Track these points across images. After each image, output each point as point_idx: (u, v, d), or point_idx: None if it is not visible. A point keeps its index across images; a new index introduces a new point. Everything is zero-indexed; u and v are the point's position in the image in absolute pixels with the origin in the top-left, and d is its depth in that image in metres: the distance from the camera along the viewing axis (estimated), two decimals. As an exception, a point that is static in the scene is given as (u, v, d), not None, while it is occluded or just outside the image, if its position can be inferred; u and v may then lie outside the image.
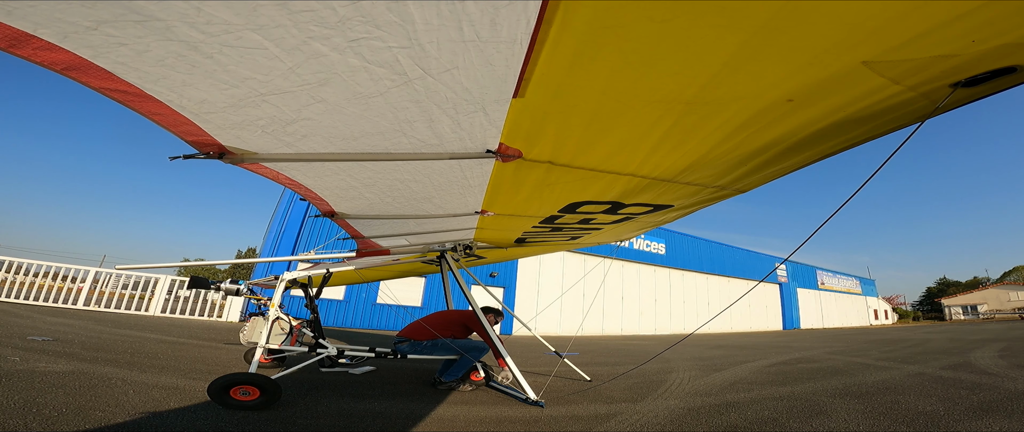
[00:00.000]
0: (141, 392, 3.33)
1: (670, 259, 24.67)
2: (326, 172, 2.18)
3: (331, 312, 14.61)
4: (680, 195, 2.68)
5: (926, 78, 1.37)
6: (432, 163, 2.10)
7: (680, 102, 1.55)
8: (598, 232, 4.04)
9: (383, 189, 2.48)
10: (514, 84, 1.43)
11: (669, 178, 2.31)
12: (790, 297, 31.45)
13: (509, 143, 1.89)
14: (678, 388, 4.77)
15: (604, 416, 3.45)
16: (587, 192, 2.61)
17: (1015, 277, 60.22)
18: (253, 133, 1.68)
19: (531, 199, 2.77)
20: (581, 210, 3.05)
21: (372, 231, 3.55)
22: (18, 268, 10.64)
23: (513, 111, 1.61)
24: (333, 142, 1.81)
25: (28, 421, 2.45)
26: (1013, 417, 3.46)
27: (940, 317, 50.08)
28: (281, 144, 1.79)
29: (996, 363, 6.79)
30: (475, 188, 2.53)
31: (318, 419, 3.01)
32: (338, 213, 2.94)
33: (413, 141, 1.83)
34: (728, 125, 1.70)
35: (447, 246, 4.78)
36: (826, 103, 1.53)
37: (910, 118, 1.62)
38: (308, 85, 1.38)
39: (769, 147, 1.90)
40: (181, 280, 12.37)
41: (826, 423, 3.31)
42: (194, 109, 1.47)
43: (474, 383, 4.40)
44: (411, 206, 2.87)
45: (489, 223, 3.55)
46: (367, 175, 2.25)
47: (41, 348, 4.68)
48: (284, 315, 4.30)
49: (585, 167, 2.15)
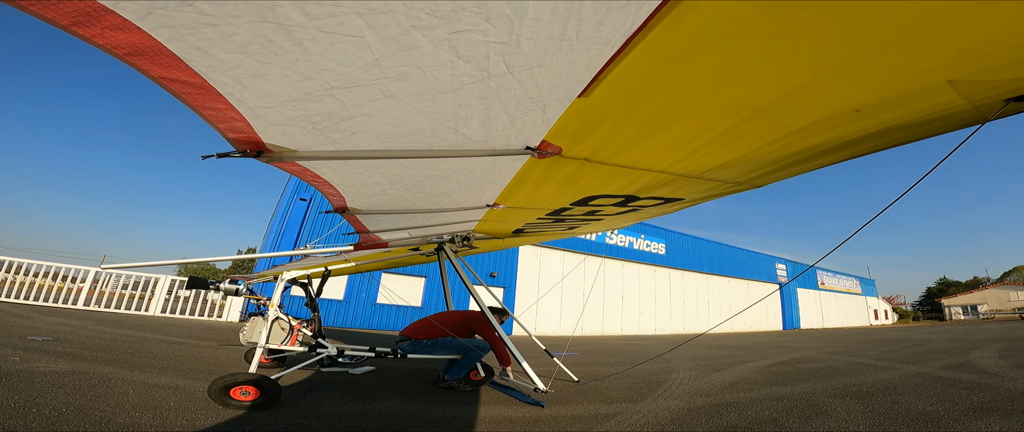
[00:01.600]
0: (141, 392, 3.33)
1: (670, 259, 24.67)
2: (358, 169, 2.11)
3: (331, 312, 14.61)
4: (697, 190, 2.66)
5: (991, 95, 1.38)
6: (468, 160, 2.05)
7: (750, 109, 1.52)
8: (598, 223, 4.03)
9: (408, 186, 2.42)
10: (585, 84, 1.39)
11: (696, 175, 2.28)
12: (790, 297, 31.44)
13: (552, 140, 1.84)
14: (678, 388, 4.77)
15: (604, 416, 3.45)
16: (608, 187, 2.58)
17: (1015, 277, 60.20)
18: (303, 130, 1.60)
19: (549, 193, 2.74)
20: (593, 203, 3.03)
21: (378, 225, 3.51)
22: (18, 268, 10.64)
23: (571, 110, 1.57)
24: (379, 140, 1.74)
25: (28, 421, 2.45)
26: (1013, 417, 3.46)
27: (940, 317, 50.07)
28: (326, 141, 1.72)
29: (996, 363, 6.78)
30: (498, 183, 2.47)
31: (318, 419, 3.01)
32: (350, 209, 2.88)
33: (461, 138, 1.77)
34: (783, 130, 1.68)
35: (445, 237, 4.75)
36: (891, 113, 1.52)
37: (954, 125, 1.63)
38: (385, 79, 1.33)
39: (810, 149, 1.88)
40: (181, 280, 12.37)
41: (826, 423, 3.31)
42: (253, 103, 1.41)
43: (474, 383, 4.39)
44: (428, 201, 2.82)
45: (495, 216, 3.53)
46: (398, 172, 2.19)
47: (41, 348, 4.68)
48: (284, 315, 4.30)
49: (619, 164, 2.11)
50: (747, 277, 29.19)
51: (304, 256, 6.47)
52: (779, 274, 31.63)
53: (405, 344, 4.33)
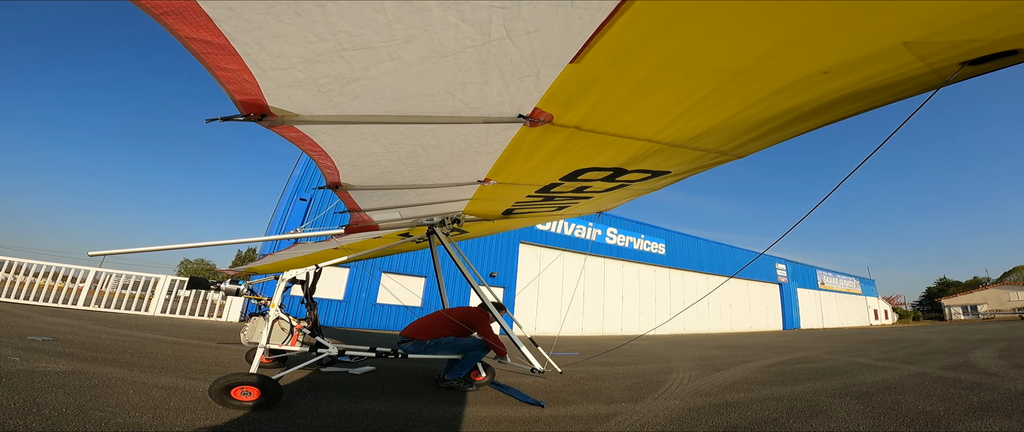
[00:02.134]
0: (141, 392, 3.33)
1: (670, 259, 24.68)
2: (355, 137, 2.15)
3: (331, 312, 14.61)
4: (682, 161, 2.70)
5: (946, 57, 1.49)
6: (462, 129, 2.11)
7: (730, 71, 1.61)
8: (587, 201, 4.02)
9: (402, 156, 2.45)
10: (577, 50, 1.46)
11: (680, 143, 2.34)
12: (790, 297, 31.45)
13: (544, 107, 1.90)
14: (678, 388, 4.77)
15: (604, 416, 3.45)
16: (597, 159, 2.62)
17: (1015, 277, 60.19)
18: (308, 92, 1.66)
19: (540, 166, 2.77)
20: (582, 177, 3.05)
21: (370, 203, 3.51)
22: (18, 268, 10.64)
23: (563, 76, 1.64)
24: (380, 104, 1.80)
25: (28, 421, 2.45)
26: (1013, 417, 3.46)
27: (940, 317, 50.06)
28: (329, 105, 1.77)
29: (996, 363, 6.78)
30: (490, 155, 2.51)
31: (318, 419, 3.01)
32: (343, 184, 2.90)
33: (457, 104, 1.83)
34: (761, 92, 1.76)
35: (435, 220, 4.71)
36: (855, 75, 1.63)
37: (916, 90, 1.75)
38: (394, 41, 1.39)
39: (786, 114, 1.97)
40: (181, 280, 12.36)
41: (826, 423, 3.31)
42: (267, 64, 1.47)
43: (475, 383, 4.39)
44: (420, 175, 2.84)
45: (486, 194, 3.54)
46: (394, 140, 2.23)
47: (41, 348, 4.67)
48: (285, 315, 4.30)
49: (608, 132, 2.18)
50: (747, 277, 29.19)
51: (294, 241, 6.43)
52: (779, 274, 31.62)
53: (407, 345, 4.32)
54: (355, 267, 15.20)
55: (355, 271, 15.24)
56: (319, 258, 7.13)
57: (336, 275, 15.09)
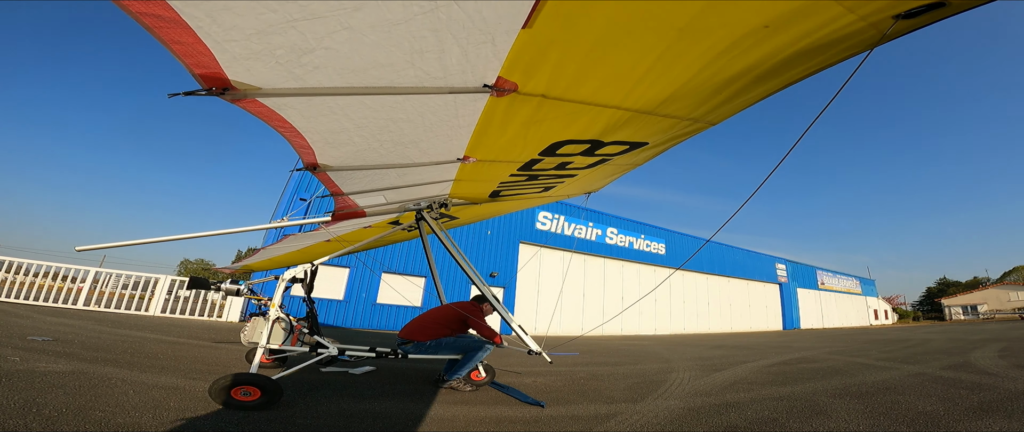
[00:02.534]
0: (141, 392, 3.33)
1: (670, 259, 24.67)
2: (323, 111, 2.17)
3: (331, 312, 14.61)
4: (656, 130, 2.72)
5: (874, 8, 1.55)
6: (429, 99, 2.13)
7: (674, 29, 1.66)
8: (572, 179, 4.01)
9: (374, 131, 2.46)
10: (527, 14, 1.51)
11: (649, 110, 2.37)
12: (790, 297, 31.45)
13: (507, 76, 1.94)
14: (678, 388, 4.77)
15: (604, 416, 3.45)
16: (571, 129, 2.64)
17: (1015, 277, 60.17)
18: (266, 64, 1.68)
19: (515, 140, 2.79)
20: (560, 152, 3.05)
21: (353, 186, 3.50)
22: (18, 268, 10.64)
23: (519, 42, 1.68)
24: (342, 75, 1.82)
25: (28, 421, 2.45)
26: (1013, 417, 3.46)
27: (940, 317, 50.06)
28: (290, 77, 1.79)
29: (996, 363, 6.78)
30: (463, 129, 2.54)
31: (318, 419, 3.01)
32: (321, 166, 2.89)
33: (419, 74, 1.86)
34: (711, 51, 1.81)
35: (422, 205, 4.68)
36: (795, 30, 1.69)
37: (860, 47, 1.81)
38: (342, 10, 1.42)
39: (743, 74, 2.01)
40: (181, 280, 12.37)
41: (826, 423, 3.31)
42: (220, 36, 1.49)
43: (475, 383, 4.39)
44: (396, 152, 2.84)
45: (468, 173, 3.54)
46: (362, 114, 2.25)
47: (41, 348, 4.68)
48: (285, 315, 4.30)
49: (574, 100, 2.22)
50: (747, 277, 29.19)
51: (284, 233, 6.38)
52: (779, 274, 31.63)
53: (408, 346, 4.32)
54: (355, 267, 15.19)
55: (355, 271, 15.24)
56: (315, 252, 7.09)
57: (336, 275, 15.09)
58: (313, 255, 7.44)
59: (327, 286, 14.72)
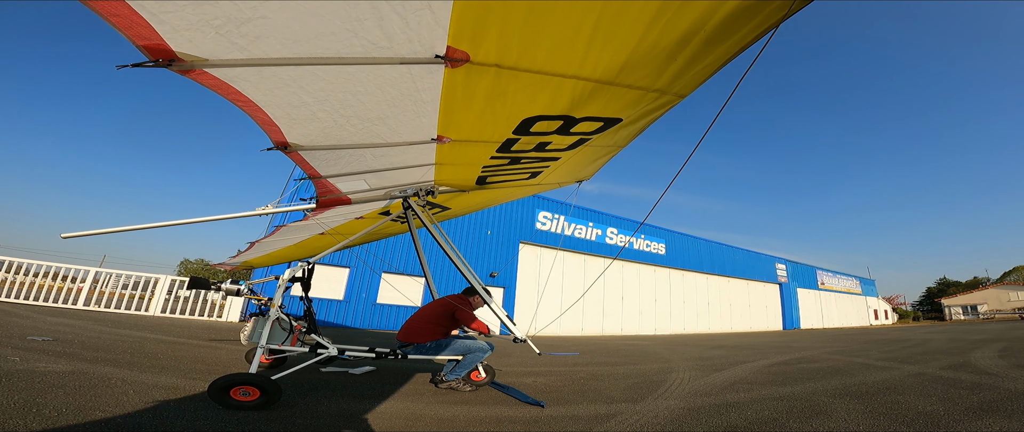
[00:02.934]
0: (141, 392, 3.33)
1: (670, 259, 24.68)
2: (277, 83, 2.17)
3: (331, 312, 14.61)
4: (625, 103, 2.73)
5: None
6: (383, 70, 2.14)
7: None
8: (557, 164, 3.98)
9: (335, 106, 2.47)
10: None
11: (610, 80, 2.38)
12: (790, 297, 31.46)
13: (455, 45, 1.96)
14: (678, 388, 4.77)
15: (604, 416, 3.45)
16: (537, 103, 2.64)
17: (1015, 277, 60.15)
18: (206, 35, 1.70)
19: (484, 116, 2.79)
20: (534, 129, 3.05)
21: (329, 168, 3.48)
22: (18, 268, 10.65)
23: (457, 9, 1.71)
24: (286, 45, 1.84)
25: (28, 421, 2.45)
26: (1013, 417, 3.46)
27: (940, 317, 50.07)
28: (234, 48, 1.81)
29: (996, 363, 6.78)
30: (428, 104, 2.55)
31: (318, 419, 3.01)
32: (291, 145, 2.88)
33: (364, 43, 1.88)
34: (648, 11, 1.85)
35: (409, 192, 4.65)
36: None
37: (773, 18, 1.91)
38: None
39: (689, 36, 2.03)
40: (181, 280, 12.37)
41: (826, 423, 3.31)
42: (155, 8, 1.51)
43: (475, 383, 4.39)
44: (365, 130, 2.84)
45: (447, 155, 3.53)
46: (319, 87, 2.25)
47: (41, 348, 4.68)
48: (285, 315, 4.30)
49: (531, 70, 2.23)
50: (747, 277, 29.20)
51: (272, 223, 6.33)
52: (779, 274, 31.63)
53: (408, 348, 4.32)
54: (355, 267, 15.20)
55: (355, 271, 15.24)
56: (312, 246, 7.04)
57: (336, 275, 15.10)
58: (311, 249, 7.41)
59: (327, 286, 14.73)
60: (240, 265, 9.50)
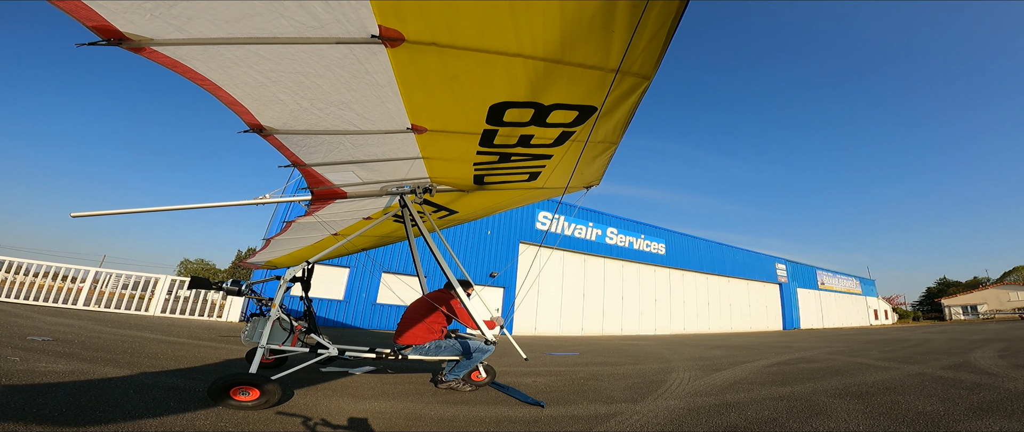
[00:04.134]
0: (141, 392, 3.33)
1: (670, 259, 24.68)
2: (226, 63, 2.23)
3: (331, 311, 14.61)
4: (590, 87, 2.69)
5: None
6: (324, 50, 2.17)
7: None
8: (552, 162, 3.90)
9: (292, 87, 2.51)
10: None
11: (558, 58, 2.36)
12: (790, 297, 31.45)
13: (385, 23, 1.99)
14: (678, 388, 4.77)
15: (604, 416, 3.45)
16: (495, 87, 2.63)
17: (1015, 277, 60.18)
18: (142, 17, 1.79)
19: (447, 101, 2.80)
20: (508, 119, 3.02)
21: (311, 156, 3.48)
22: (18, 268, 10.65)
23: None
24: (219, 25, 1.91)
25: (28, 421, 2.45)
26: (1013, 417, 3.46)
27: (940, 317, 50.06)
28: (171, 28, 1.88)
29: (996, 363, 6.78)
30: (386, 88, 2.57)
31: (318, 419, 3.01)
32: (266, 128, 2.92)
33: (294, 24, 1.93)
34: None
35: (406, 189, 4.62)
36: None
37: None
38: None
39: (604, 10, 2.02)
40: (181, 280, 12.37)
41: (826, 423, 3.31)
42: None
43: (475, 383, 4.39)
44: (332, 114, 2.87)
45: (431, 148, 3.53)
46: (268, 67, 2.30)
47: (41, 348, 4.68)
48: (285, 315, 4.31)
49: (468, 47, 2.23)
50: (747, 277, 29.20)
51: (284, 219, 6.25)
52: (779, 274, 31.63)
53: (407, 349, 4.32)
54: (355, 267, 15.19)
55: (355, 271, 15.24)
56: (326, 248, 7.01)
57: (336, 275, 15.10)
58: (318, 249, 7.38)
59: (327, 286, 14.72)
60: (265, 264, 9.42)
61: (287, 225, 5.53)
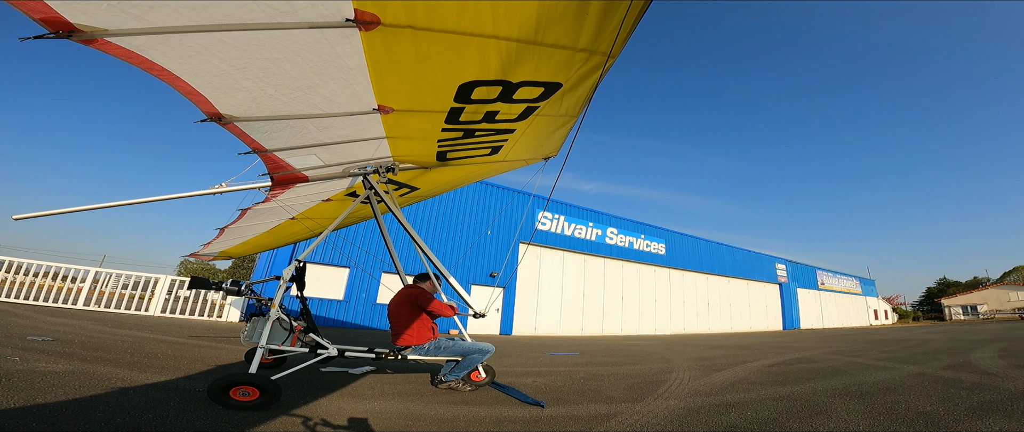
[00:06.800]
0: (141, 392, 3.33)
1: (670, 259, 24.68)
2: (187, 52, 2.15)
3: (331, 311, 14.61)
4: (558, 66, 2.69)
5: None
6: (294, 36, 2.12)
7: None
8: (514, 136, 3.89)
9: (258, 75, 2.43)
10: None
11: (530, 39, 2.36)
12: (790, 297, 31.45)
13: (361, 7, 1.96)
14: (678, 388, 4.77)
15: (604, 416, 3.45)
16: (467, 66, 2.62)
17: (1015, 277, 60.17)
18: (99, 7, 1.73)
19: (418, 81, 2.76)
20: (476, 96, 3.00)
21: (272, 141, 3.38)
22: (18, 268, 10.64)
23: None
24: (183, 13, 1.84)
25: (28, 421, 2.45)
26: (1013, 417, 3.46)
27: (940, 317, 50.07)
28: (129, 17, 1.81)
29: (996, 363, 6.78)
30: (355, 71, 2.52)
31: (318, 419, 3.01)
32: (225, 116, 2.82)
33: (266, 8, 1.87)
34: None
35: (368, 169, 4.55)
36: None
37: None
38: None
39: None
40: (181, 280, 12.37)
41: (826, 423, 3.31)
42: None
43: (474, 383, 4.39)
44: (297, 99, 2.79)
45: (396, 127, 3.49)
46: (233, 54, 2.22)
47: (41, 348, 4.68)
48: (285, 315, 4.31)
49: (445, 30, 2.21)
50: (747, 277, 29.20)
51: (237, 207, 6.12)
52: (779, 274, 31.63)
53: (406, 350, 4.32)
54: (355, 267, 15.20)
55: (355, 271, 15.25)
56: (286, 232, 6.76)
57: (336, 275, 15.10)
58: (287, 236, 7.26)
59: (327, 286, 14.73)
60: (217, 255, 9.12)
61: (242, 213, 5.41)
